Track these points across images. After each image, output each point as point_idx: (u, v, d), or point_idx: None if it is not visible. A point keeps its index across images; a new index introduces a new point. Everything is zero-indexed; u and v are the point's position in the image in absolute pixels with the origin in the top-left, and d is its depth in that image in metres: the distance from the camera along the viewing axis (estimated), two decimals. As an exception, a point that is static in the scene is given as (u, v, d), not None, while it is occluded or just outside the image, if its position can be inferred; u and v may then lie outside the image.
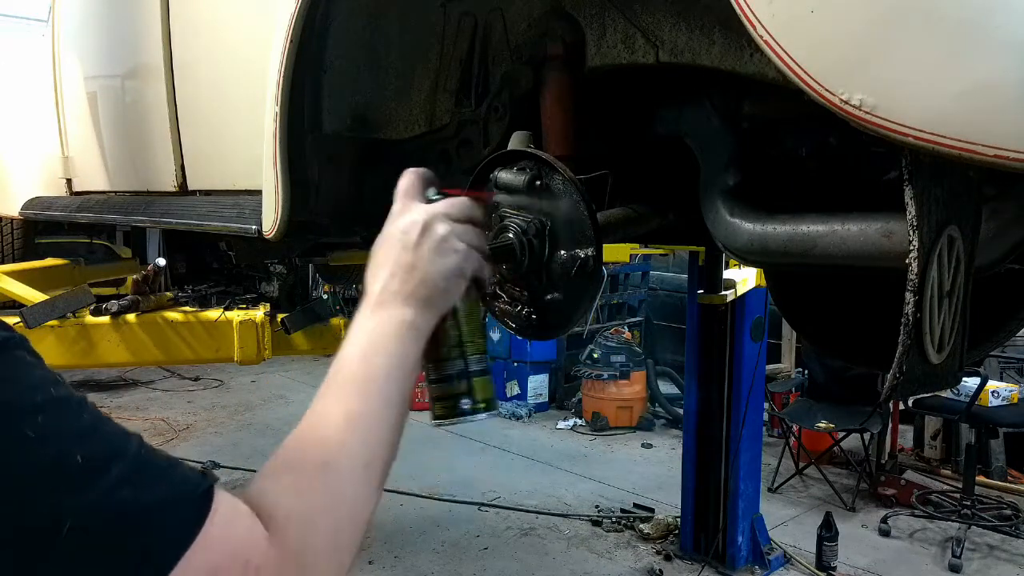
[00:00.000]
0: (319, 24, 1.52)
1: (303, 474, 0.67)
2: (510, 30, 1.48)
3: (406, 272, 0.82)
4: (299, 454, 0.70)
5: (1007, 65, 0.71)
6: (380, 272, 0.84)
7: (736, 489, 3.95)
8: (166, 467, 0.59)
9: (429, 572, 3.96)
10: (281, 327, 2.82)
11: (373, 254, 0.86)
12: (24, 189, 3.24)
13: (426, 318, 0.82)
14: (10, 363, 0.55)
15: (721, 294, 3.81)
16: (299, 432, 0.72)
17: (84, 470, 0.54)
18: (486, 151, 1.53)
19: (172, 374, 7.81)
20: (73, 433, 0.55)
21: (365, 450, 0.71)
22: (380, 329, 0.80)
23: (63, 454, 0.53)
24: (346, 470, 0.69)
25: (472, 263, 0.87)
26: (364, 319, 0.81)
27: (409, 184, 0.90)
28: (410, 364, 0.80)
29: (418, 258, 0.83)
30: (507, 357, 7.01)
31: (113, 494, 0.54)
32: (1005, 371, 5.46)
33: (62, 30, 2.90)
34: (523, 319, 1.25)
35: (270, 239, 1.66)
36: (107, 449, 0.56)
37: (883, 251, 1.00)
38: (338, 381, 0.76)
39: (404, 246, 0.84)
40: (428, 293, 0.82)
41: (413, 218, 0.85)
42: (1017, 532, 4.33)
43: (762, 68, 1.09)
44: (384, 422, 0.74)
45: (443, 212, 0.86)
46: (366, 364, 0.77)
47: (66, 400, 0.57)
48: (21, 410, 0.53)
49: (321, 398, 0.75)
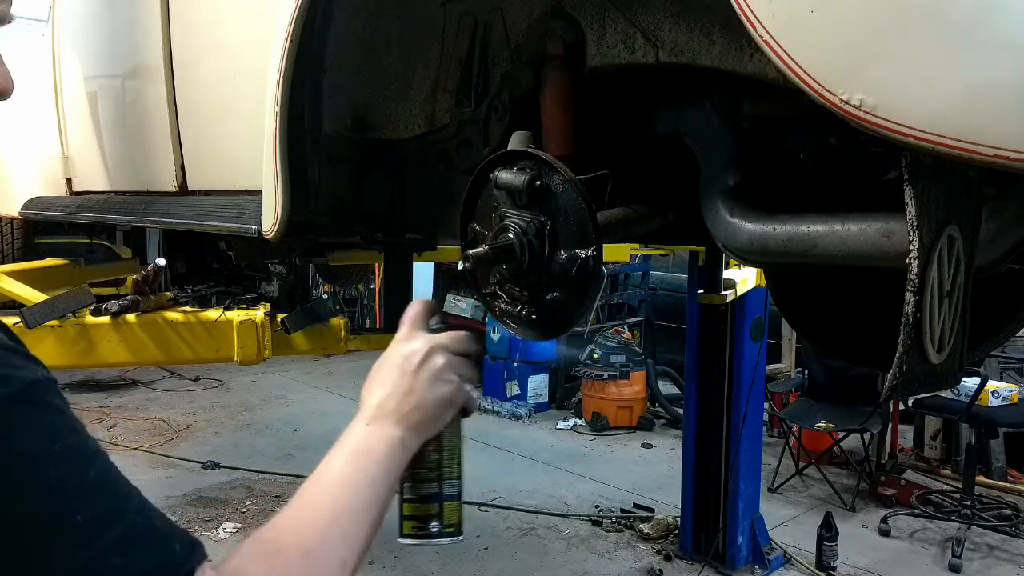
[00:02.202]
0: (319, 24, 1.52)
1: (284, 560, 0.71)
2: (510, 30, 1.47)
3: (403, 395, 0.89)
4: (283, 539, 0.73)
5: (1007, 65, 0.71)
6: (379, 389, 0.90)
7: (736, 489, 3.95)
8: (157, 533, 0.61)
9: (429, 572, 3.96)
10: (281, 327, 2.82)
11: (374, 371, 0.93)
12: (24, 189, 3.24)
13: (415, 439, 0.89)
14: (33, 407, 0.58)
15: (721, 294, 3.81)
16: (285, 516, 0.75)
17: (82, 530, 0.56)
18: (486, 151, 1.53)
19: (172, 374, 7.81)
20: (79, 490, 0.58)
21: (344, 545, 0.75)
22: (372, 440, 0.85)
23: (66, 511, 0.56)
24: (325, 562, 0.73)
25: (463, 394, 0.94)
26: (358, 428, 0.87)
27: (416, 312, 0.98)
28: (393, 479, 0.85)
29: (416, 384, 0.90)
30: (507, 357, 7.01)
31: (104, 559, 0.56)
32: (1005, 371, 5.46)
33: (62, 30, 2.90)
34: (523, 319, 1.25)
35: (270, 239, 1.66)
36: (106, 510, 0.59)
37: (883, 251, 1.00)
38: (327, 479, 0.80)
39: (404, 371, 0.90)
40: (420, 417, 0.89)
41: (415, 347, 0.92)
42: (1017, 532, 4.33)
43: (762, 68, 1.08)
44: (364, 523, 0.79)
45: (443, 344, 0.93)
46: (356, 468, 0.82)
47: (80, 451, 0.59)
48: (36, 461, 0.56)
49: (308, 489, 0.79)
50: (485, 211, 1.28)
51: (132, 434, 5.96)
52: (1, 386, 0.56)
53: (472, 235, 1.31)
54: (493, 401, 6.99)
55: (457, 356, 0.94)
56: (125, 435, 5.93)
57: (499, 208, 1.24)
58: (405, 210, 1.79)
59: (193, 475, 5.08)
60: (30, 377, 0.59)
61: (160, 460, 5.36)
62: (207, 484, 4.85)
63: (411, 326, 0.96)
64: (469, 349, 0.96)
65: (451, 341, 0.95)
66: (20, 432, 0.56)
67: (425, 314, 0.98)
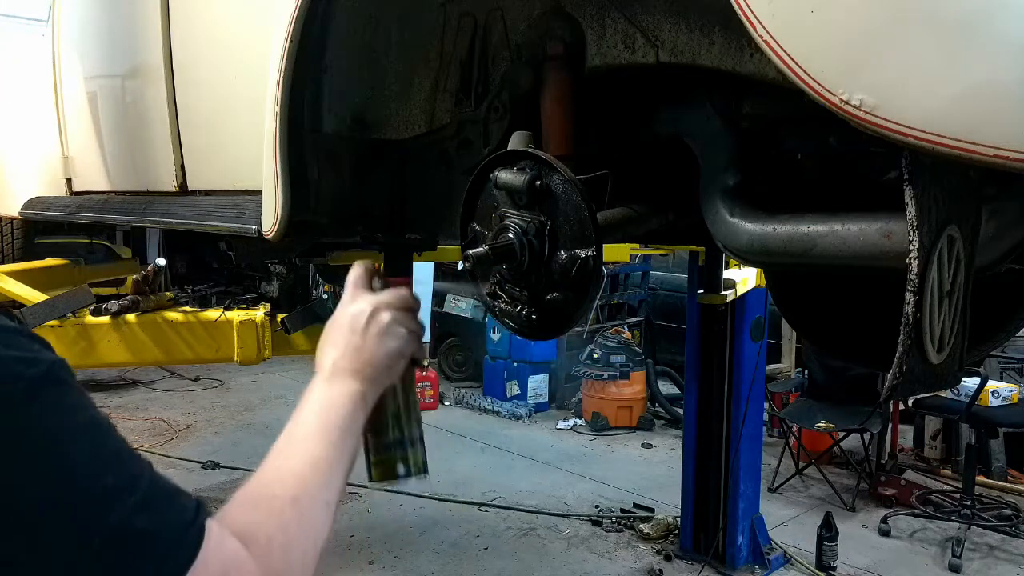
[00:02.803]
0: (319, 24, 1.52)
1: (278, 506, 0.76)
2: (510, 30, 1.47)
3: (355, 352, 0.95)
4: (271, 489, 0.78)
5: (1007, 65, 0.71)
6: (332, 350, 0.96)
7: (736, 489, 3.95)
8: (172, 493, 0.66)
9: (429, 572, 3.96)
10: (281, 327, 2.82)
11: (325, 335, 0.99)
12: (24, 189, 3.24)
13: (372, 391, 0.95)
14: (57, 386, 0.61)
15: (721, 294, 3.81)
16: (266, 471, 0.81)
17: (111, 494, 0.60)
18: (486, 151, 1.53)
19: (172, 374, 7.81)
20: (106, 457, 0.62)
21: (325, 490, 0.82)
22: (334, 396, 0.91)
23: (97, 477, 0.60)
24: (312, 505, 0.79)
25: (411, 345, 1.00)
26: (319, 387, 0.93)
27: (357, 276, 1.03)
28: (358, 428, 0.92)
29: (366, 341, 0.96)
30: (507, 357, 7.01)
31: (132, 519, 0.61)
32: (1005, 371, 5.47)
33: (62, 30, 2.90)
34: (523, 319, 1.25)
35: (270, 239, 1.66)
36: (129, 475, 0.63)
37: (883, 251, 1.00)
38: (299, 432, 0.86)
39: (353, 330, 0.96)
40: (374, 371, 0.95)
41: (361, 307, 0.98)
42: (1017, 532, 4.33)
43: (762, 68, 1.09)
44: (339, 469, 0.85)
45: (386, 302, 0.99)
46: (323, 420, 0.88)
47: (99, 424, 0.64)
48: (67, 435, 0.60)
49: (283, 443, 0.85)
50: (485, 211, 1.28)
51: (132, 434, 5.96)
52: (30, 367, 0.59)
53: (472, 235, 1.31)
54: (493, 401, 6.99)
55: (401, 311, 1.00)
56: (125, 435, 5.86)
57: (499, 208, 1.24)
58: (405, 210, 1.79)
59: (193, 475, 5.08)
60: (51, 358, 0.62)
61: (160, 460, 5.35)
62: (207, 484, 4.85)
63: (355, 288, 1.02)
64: (411, 304, 1.02)
65: (394, 298, 1.00)
66: (51, 411, 0.59)
67: (367, 276, 1.04)
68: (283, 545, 0.73)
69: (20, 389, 0.58)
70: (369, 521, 4.51)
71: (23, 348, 0.60)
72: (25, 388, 0.58)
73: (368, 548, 4.17)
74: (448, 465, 5.39)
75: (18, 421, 0.57)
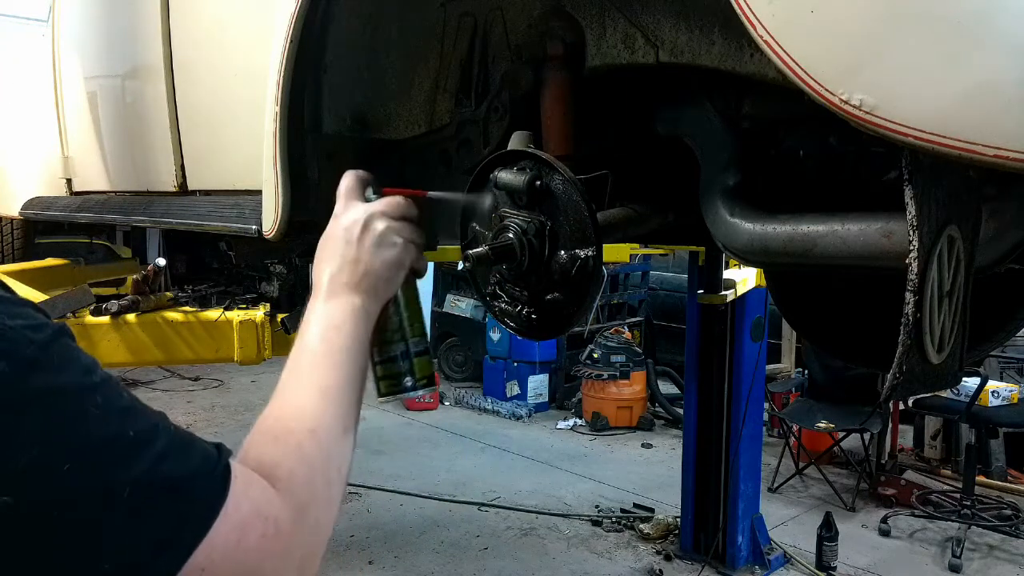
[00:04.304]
0: (319, 24, 1.52)
1: (296, 440, 0.75)
2: (510, 30, 1.47)
3: (351, 265, 0.91)
4: (286, 423, 0.77)
5: (1007, 65, 0.71)
6: (327, 266, 0.92)
7: (736, 489, 3.96)
8: (191, 441, 0.66)
9: (429, 572, 3.96)
10: (281, 327, 2.82)
11: (320, 250, 0.95)
12: (24, 189, 3.24)
13: (373, 304, 0.92)
14: (66, 348, 0.61)
15: (721, 294, 3.81)
16: (279, 405, 0.80)
17: (135, 444, 0.61)
18: (486, 151, 1.53)
19: (172, 374, 7.81)
20: (123, 410, 0.62)
21: (340, 417, 0.81)
22: (334, 314, 0.88)
23: (119, 429, 0.60)
24: (329, 435, 0.78)
25: (410, 254, 0.96)
26: (318, 307, 0.90)
27: (349, 185, 0.99)
28: (363, 343, 0.89)
29: (361, 252, 0.92)
30: (507, 357, 7.01)
31: (158, 466, 0.61)
32: (1005, 371, 5.47)
33: (62, 30, 2.90)
34: (523, 319, 1.25)
35: (270, 239, 1.66)
36: (148, 425, 0.63)
37: (883, 251, 1.00)
38: (305, 361, 0.85)
39: (347, 242, 0.93)
40: (372, 282, 0.92)
41: (354, 216, 0.94)
42: (1017, 532, 4.33)
43: (762, 68, 1.09)
44: (350, 393, 0.84)
45: (381, 210, 0.95)
46: (328, 344, 0.86)
47: (110, 381, 0.64)
48: (84, 389, 0.60)
49: (292, 373, 0.83)
50: (485, 211, 1.28)
51: (132, 434, 5.96)
52: (37, 332, 0.60)
53: (472, 235, 1.31)
54: (493, 401, 6.99)
55: (397, 220, 0.96)
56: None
57: (499, 208, 1.24)
58: (405, 210, 1.78)
59: (193, 475, 5.08)
60: (55, 324, 0.63)
61: (160, 460, 5.35)
62: (207, 484, 4.85)
63: (347, 198, 0.98)
64: (408, 212, 0.98)
65: (387, 206, 0.96)
66: (66, 371, 0.60)
67: (359, 185, 0.99)
68: (306, 477, 0.73)
69: (33, 352, 0.58)
70: (369, 521, 4.51)
71: (26, 316, 0.61)
72: (37, 351, 0.58)
73: (368, 548, 4.17)
74: (448, 465, 5.39)
75: (37, 383, 0.57)
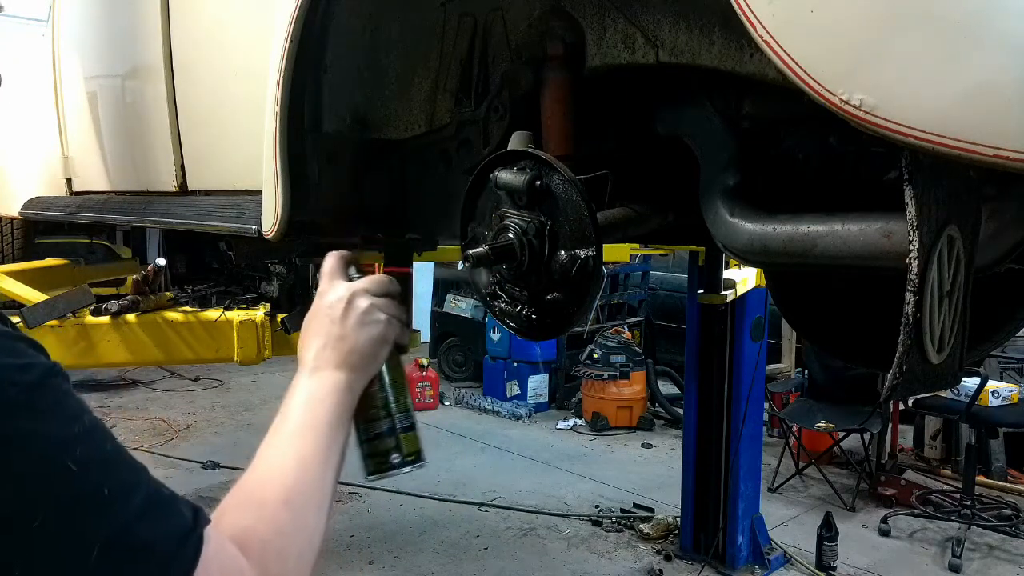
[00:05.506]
0: (319, 24, 1.52)
1: (271, 510, 0.76)
2: (510, 30, 1.47)
3: (336, 342, 0.93)
4: (262, 492, 0.77)
5: (1007, 65, 0.71)
6: (312, 343, 0.94)
7: (736, 489, 3.96)
8: (170, 499, 0.66)
9: (429, 572, 3.96)
10: (281, 327, 2.82)
11: (305, 328, 0.97)
12: (24, 189, 3.23)
13: (357, 380, 0.93)
14: (54, 392, 0.60)
15: (721, 294, 3.81)
16: (257, 473, 0.80)
17: (110, 501, 0.60)
18: (486, 151, 1.53)
19: (172, 374, 7.81)
20: (103, 463, 0.61)
21: (317, 488, 0.81)
22: (318, 388, 0.89)
23: (96, 485, 0.59)
24: (305, 506, 0.78)
25: (394, 330, 0.98)
26: (303, 381, 0.91)
27: (332, 265, 1.01)
28: (346, 420, 0.90)
29: (345, 329, 0.93)
30: (507, 357, 7.01)
31: (133, 526, 0.60)
32: (1005, 371, 5.47)
33: (62, 30, 2.90)
34: (523, 319, 1.25)
35: (270, 239, 1.66)
36: (127, 481, 0.62)
37: (883, 251, 1.00)
38: (286, 430, 0.85)
39: (332, 320, 0.94)
40: (357, 359, 0.93)
41: (338, 295, 0.96)
42: (1017, 532, 4.33)
43: (762, 68, 1.08)
44: (329, 466, 0.84)
45: (364, 288, 0.97)
46: (310, 416, 0.86)
47: (96, 430, 0.62)
48: (64, 442, 0.59)
49: (272, 442, 0.83)
50: (485, 211, 1.28)
51: (132, 434, 5.96)
52: (25, 374, 0.58)
53: (472, 235, 1.31)
54: (493, 401, 6.99)
55: (380, 297, 0.98)
56: (125, 435, 5.92)
57: (499, 208, 1.24)
58: (405, 210, 1.79)
59: (193, 475, 5.08)
60: (46, 363, 0.62)
61: (160, 460, 5.36)
62: (207, 484, 4.85)
63: (330, 277, 1.00)
64: (390, 289, 1.00)
65: (370, 284, 0.98)
66: (48, 418, 0.59)
67: (342, 265, 1.01)
68: (278, 549, 0.73)
69: (16, 395, 0.57)
70: (369, 521, 4.51)
71: (17, 353, 0.60)
72: (21, 393, 0.57)
73: (368, 548, 4.17)
74: (448, 465, 5.39)
75: (15, 428, 0.56)
